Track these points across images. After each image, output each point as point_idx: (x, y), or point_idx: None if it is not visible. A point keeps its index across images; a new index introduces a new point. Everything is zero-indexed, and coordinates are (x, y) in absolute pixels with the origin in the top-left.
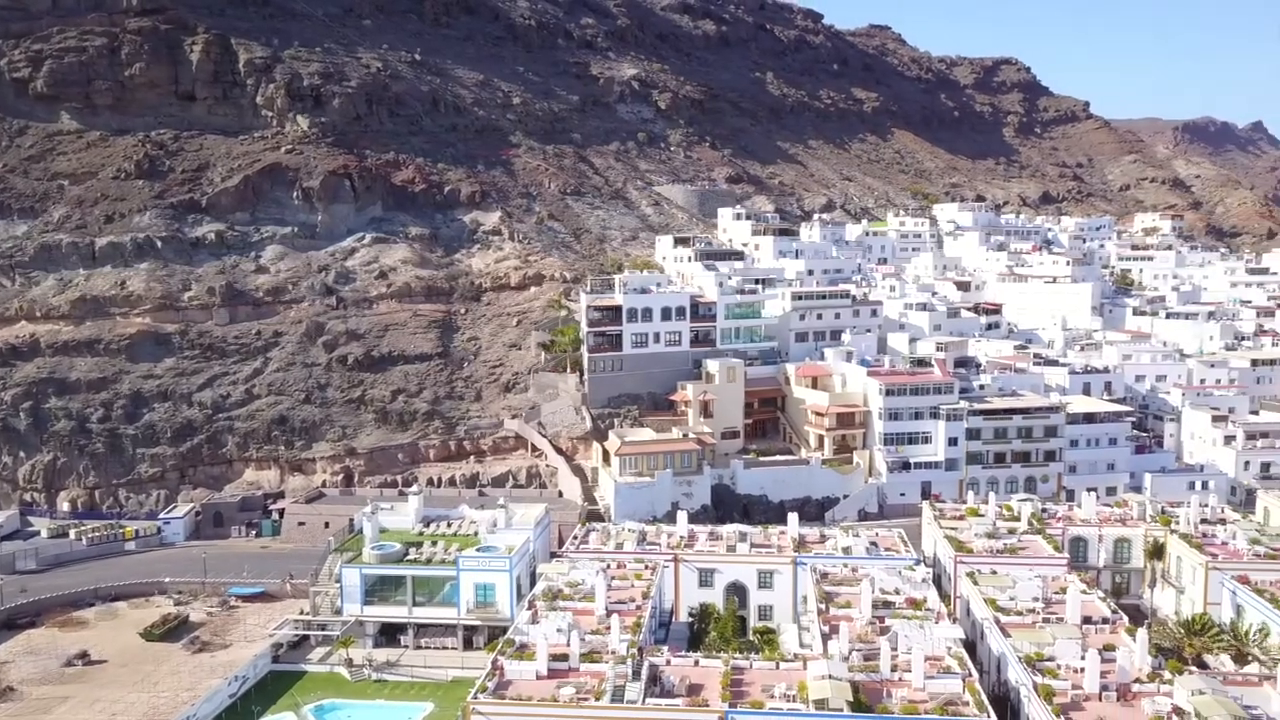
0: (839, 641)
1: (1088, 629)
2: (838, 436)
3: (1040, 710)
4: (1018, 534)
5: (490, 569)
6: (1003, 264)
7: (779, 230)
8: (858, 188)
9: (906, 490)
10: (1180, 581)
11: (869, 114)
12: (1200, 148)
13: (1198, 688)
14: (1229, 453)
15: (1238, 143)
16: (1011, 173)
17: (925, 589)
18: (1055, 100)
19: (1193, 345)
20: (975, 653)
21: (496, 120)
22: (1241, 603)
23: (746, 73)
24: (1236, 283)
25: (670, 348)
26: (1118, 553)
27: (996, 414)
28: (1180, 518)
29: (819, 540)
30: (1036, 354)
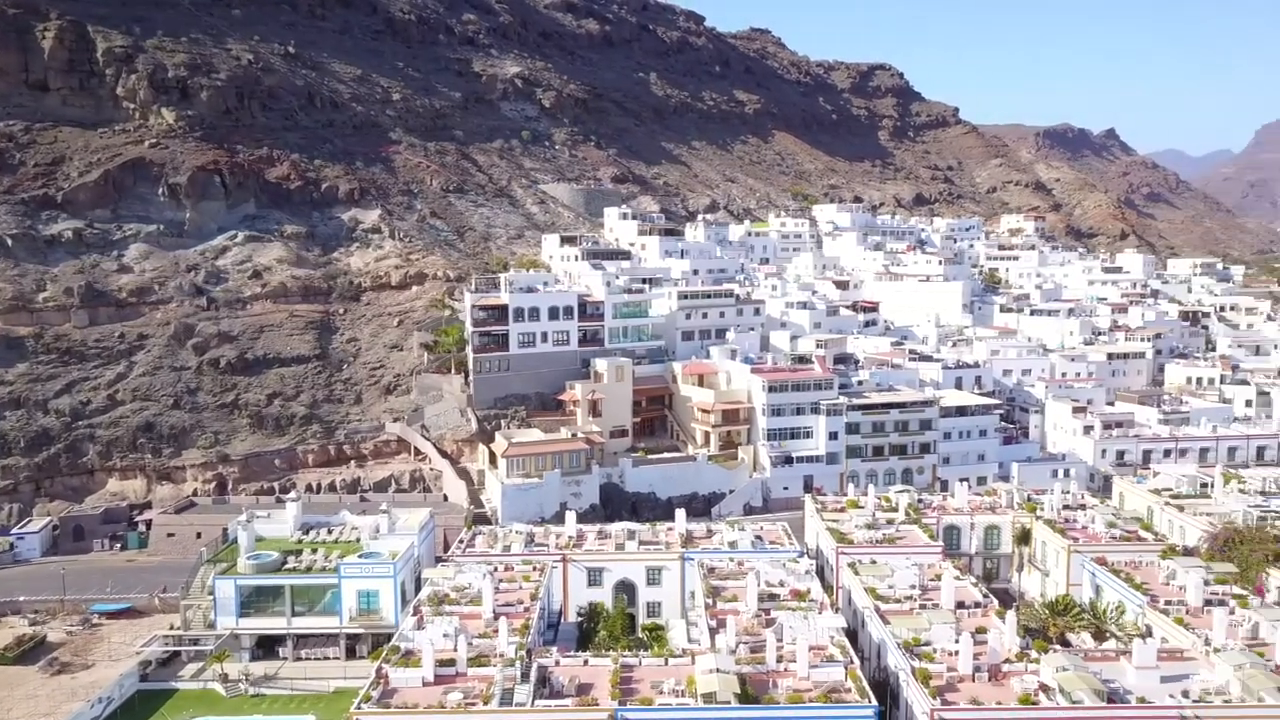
0: (726, 635)
1: (961, 613)
2: (723, 433)
3: (918, 693)
4: (896, 524)
5: (373, 575)
6: (879, 263)
7: (665, 230)
8: (740, 189)
9: (790, 484)
10: (1045, 565)
11: (750, 116)
12: (1060, 153)
13: (1061, 665)
14: (1088, 442)
15: (1094, 148)
16: (887, 175)
17: (809, 580)
18: (927, 105)
19: (1055, 340)
20: (857, 640)
21: (376, 116)
22: (1100, 583)
23: (630, 73)
24: (1093, 281)
25: (558, 347)
26: (988, 539)
27: (874, 408)
28: (1045, 504)
29: (706, 536)
30: (911, 350)
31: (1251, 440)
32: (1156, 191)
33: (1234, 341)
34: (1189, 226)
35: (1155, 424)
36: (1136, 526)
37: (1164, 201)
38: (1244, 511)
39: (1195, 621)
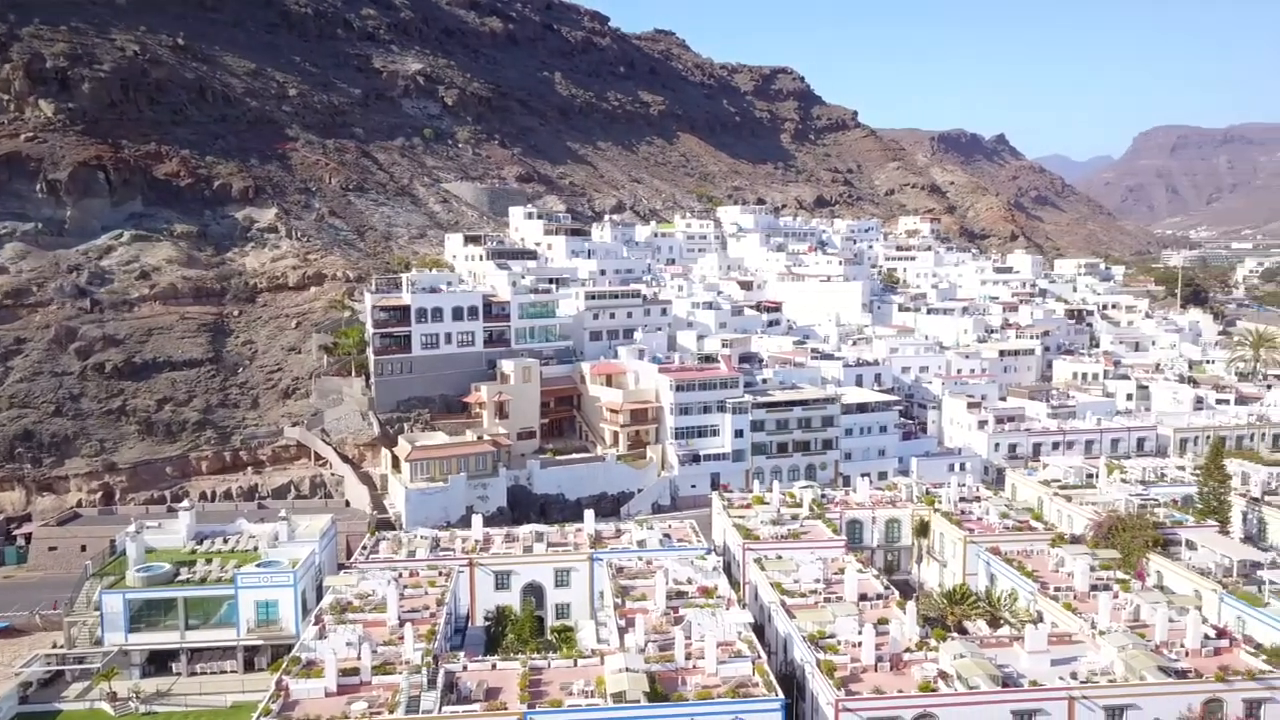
0: (635, 634)
1: (864, 605)
2: (632, 432)
3: (823, 685)
4: (800, 519)
5: (272, 585)
6: (782, 264)
7: (571, 230)
8: (646, 189)
9: (697, 482)
10: (943, 556)
11: (655, 117)
12: (954, 157)
13: (959, 652)
14: (982, 436)
15: (985, 153)
16: (789, 177)
17: (716, 577)
18: (827, 109)
19: (950, 338)
20: (764, 635)
21: (271, 112)
22: (995, 572)
23: (534, 72)
24: (986, 281)
25: (463, 348)
26: (889, 532)
27: (779, 406)
28: (942, 497)
29: (615, 536)
30: (814, 349)
31: (1132, 432)
32: (1044, 195)
33: (1115, 338)
34: (1074, 228)
35: (1044, 418)
36: (1028, 517)
37: (1050, 204)
38: (1126, 500)
39: (1082, 606)
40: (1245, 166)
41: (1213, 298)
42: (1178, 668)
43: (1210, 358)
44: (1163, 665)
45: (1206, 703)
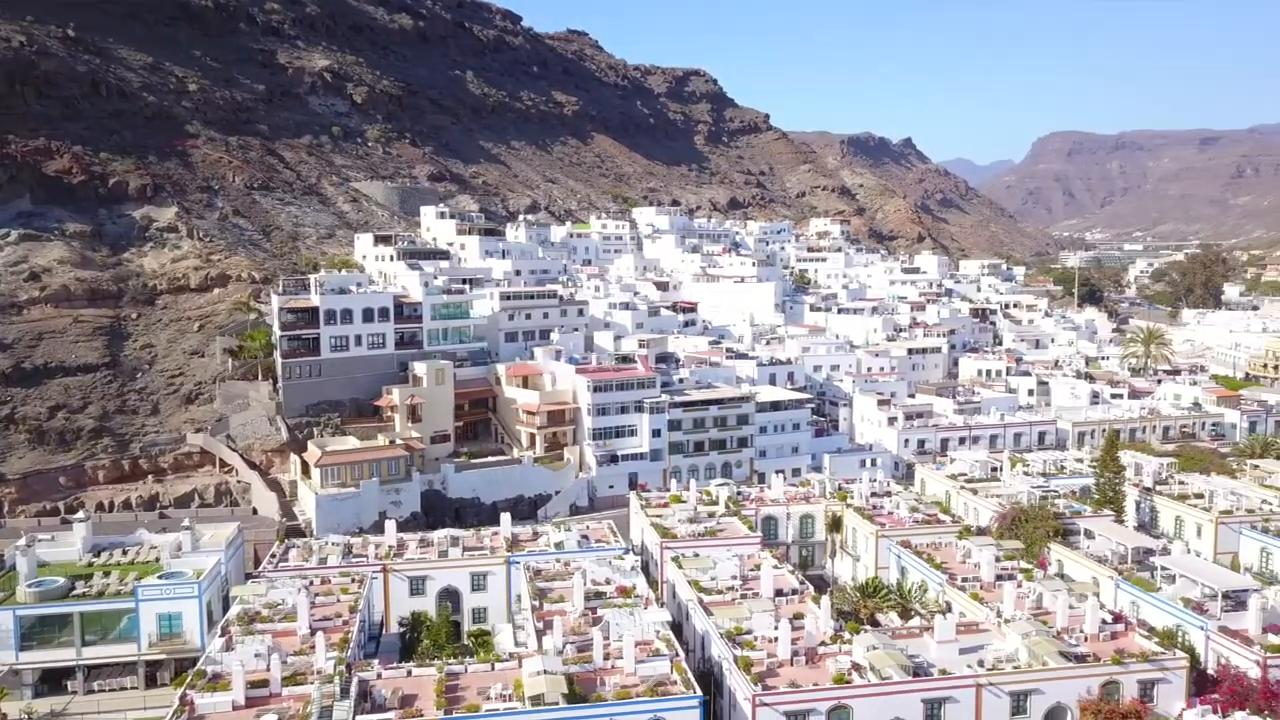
0: (553, 636)
1: (780, 601)
2: (549, 434)
3: (740, 680)
4: (717, 517)
5: (175, 597)
6: (697, 265)
7: (485, 230)
8: (561, 190)
9: (615, 482)
10: (856, 550)
11: (569, 117)
12: (862, 160)
13: (872, 644)
14: (892, 432)
15: (893, 156)
16: (703, 179)
17: (634, 576)
18: (740, 111)
19: (860, 337)
20: (682, 633)
21: (170, 107)
22: (905, 564)
23: (446, 70)
24: (894, 281)
25: (374, 350)
26: (803, 528)
27: (695, 405)
28: (854, 493)
29: (532, 538)
30: (729, 348)
31: (1034, 426)
32: (949, 198)
33: (1017, 336)
34: (977, 230)
35: (951, 414)
36: (936, 510)
37: (955, 207)
38: (1028, 492)
39: (988, 596)
40: (1136, 171)
41: (1107, 297)
42: (1077, 652)
43: (1105, 354)
44: (1064, 650)
45: (1104, 685)
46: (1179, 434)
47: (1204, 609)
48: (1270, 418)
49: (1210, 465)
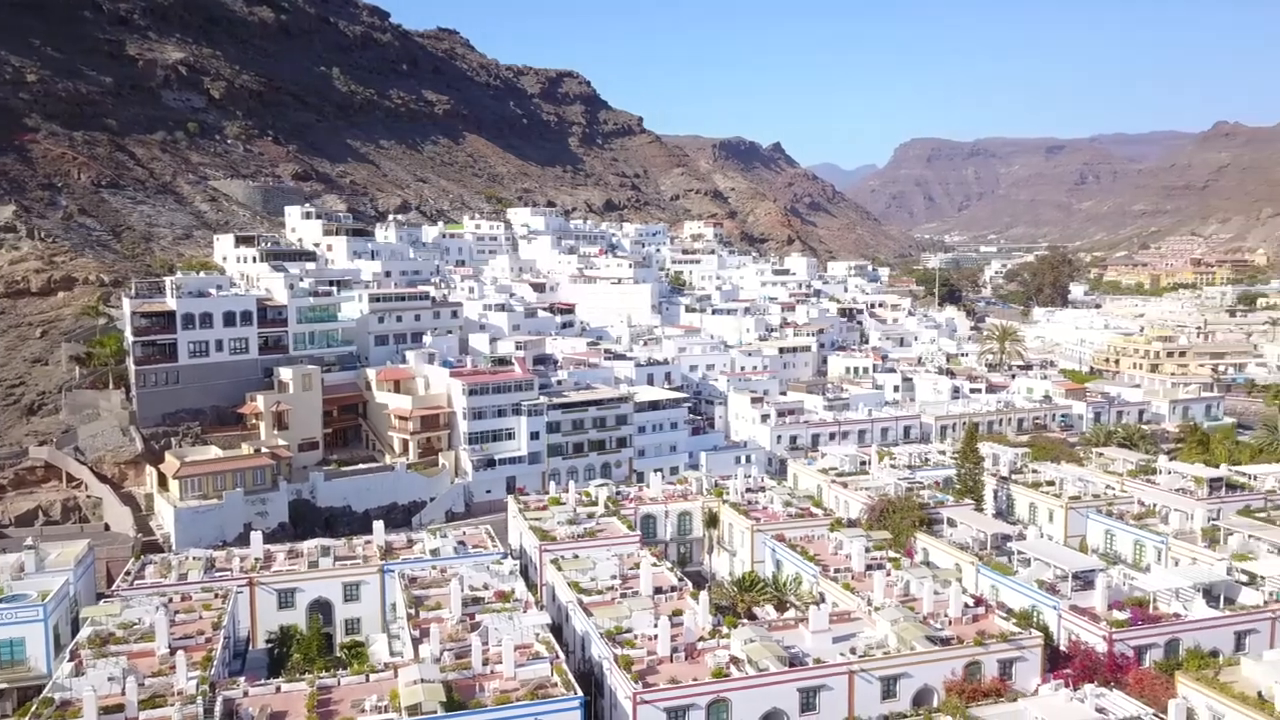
0: (430, 644)
1: (659, 598)
2: (423, 439)
3: (621, 679)
4: (596, 518)
5: (17, 621)
6: (573, 266)
7: (353, 230)
8: (433, 190)
9: (493, 487)
10: (733, 545)
11: (441, 117)
12: (734, 164)
13: (749, 637)
14: (765, 429)
15: (763, 160)
16: (578, 180)
17: (513, 580)
18: (614, 114)
19: (734, 337)
20: (562, 635)
21: (7, 99)
22: (780, 558)
23: (310, 66)
24: (766, 282)
25: (236, 356)
26: (681, 525)
27: (573, 407)
28: (730, 489)
29: (407, 546)
30: (606, 349)
31: (900, 421)
32: (816, 201)
33: (882, 335)
34: (844, 233)
35: (822, 410)
36: (809, 504)
37: (823, 210)
38: (895, 484)
39: (859, 585)
40: (990, 177)
41: (965, 296)
42: (942, 636)
43: (964, 351)
44: (930, 635)
45: (967, 665)
46: (1032, 425)
47: (1056, 589)
48: (1113, 409)
49: (1060, 454)
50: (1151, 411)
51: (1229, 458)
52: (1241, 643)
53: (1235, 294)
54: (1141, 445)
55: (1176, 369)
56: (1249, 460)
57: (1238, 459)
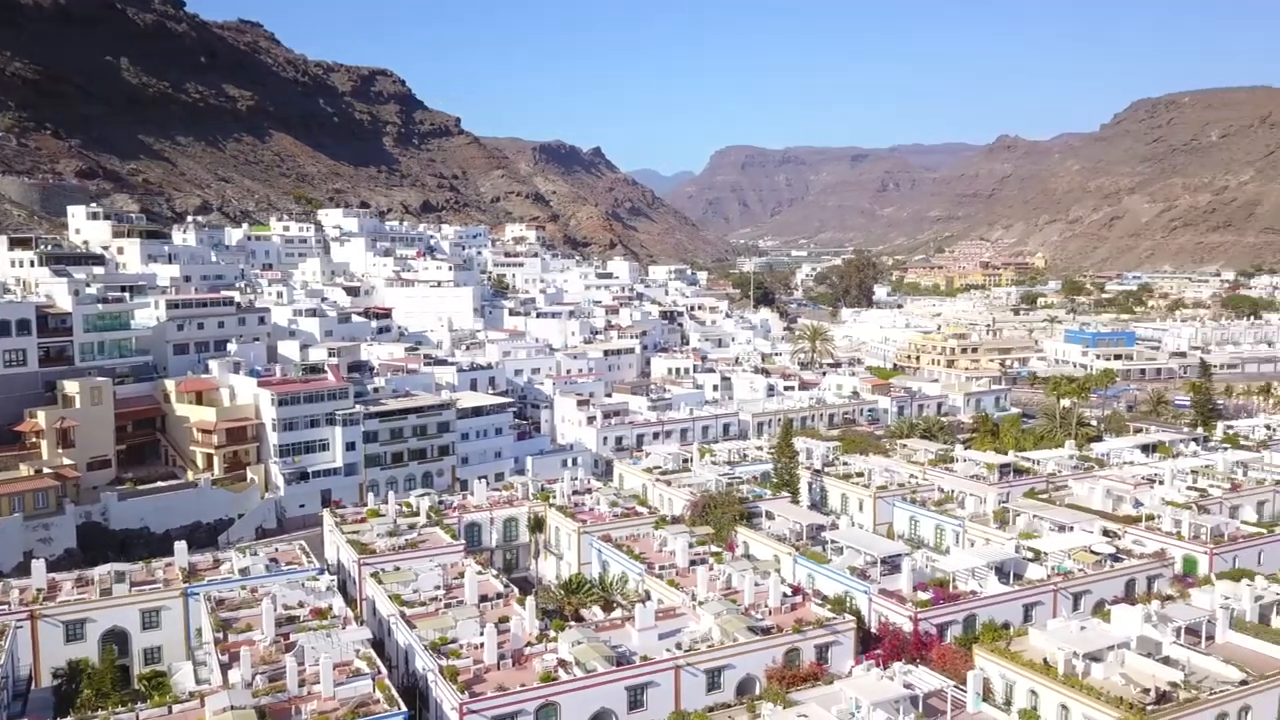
0: (241, 669)
1: (485, 606)
2: (229, 453)
3: (446, 690)
4: (418, 528)
5: None
6: (390, 269)
7: (147, 232)
8: (236, 189)
9: (306, 501)
10: (560, 548)
11: (244, 113)
12: (555, 167)
13: (577, 639)
14: (591, 431)
15: (584, 165)
16: (394, 181)
17: (330, 597)
18: (430, 114)
19: (559, 340)
20: (385, 650)
21: None
22: (607, 558)
23: (96, 56)
24: (589, 285)
25: (11, 369)
26: (507, 532)
27: (392, 415)
28: (556, 492)
29: (213, 566)
30: (427, 355)
31: (719, 419)
32: (637, 206)
33: (702, 336)
34: (664, 238)
35: (646, 411)
36: (634, 503)
37: (643, 215)
38: (716, 480)
39: (683, 581)
40: (800, 184)
41: (778, 298)
42: (763, 626)
43: (778, 350)
44: (751, 625)
45: (787, 653)
46: (842, 420)
47: (867, 575)
48: (914, 403)
49: (868, 447)
50: (948, 404)
51: (1016, 445)
52: (1029, 614)
53: (1019, 294)
54: (940, 436)
55: (970, 364)
56: (1033, 446)
57: (1023, 446)
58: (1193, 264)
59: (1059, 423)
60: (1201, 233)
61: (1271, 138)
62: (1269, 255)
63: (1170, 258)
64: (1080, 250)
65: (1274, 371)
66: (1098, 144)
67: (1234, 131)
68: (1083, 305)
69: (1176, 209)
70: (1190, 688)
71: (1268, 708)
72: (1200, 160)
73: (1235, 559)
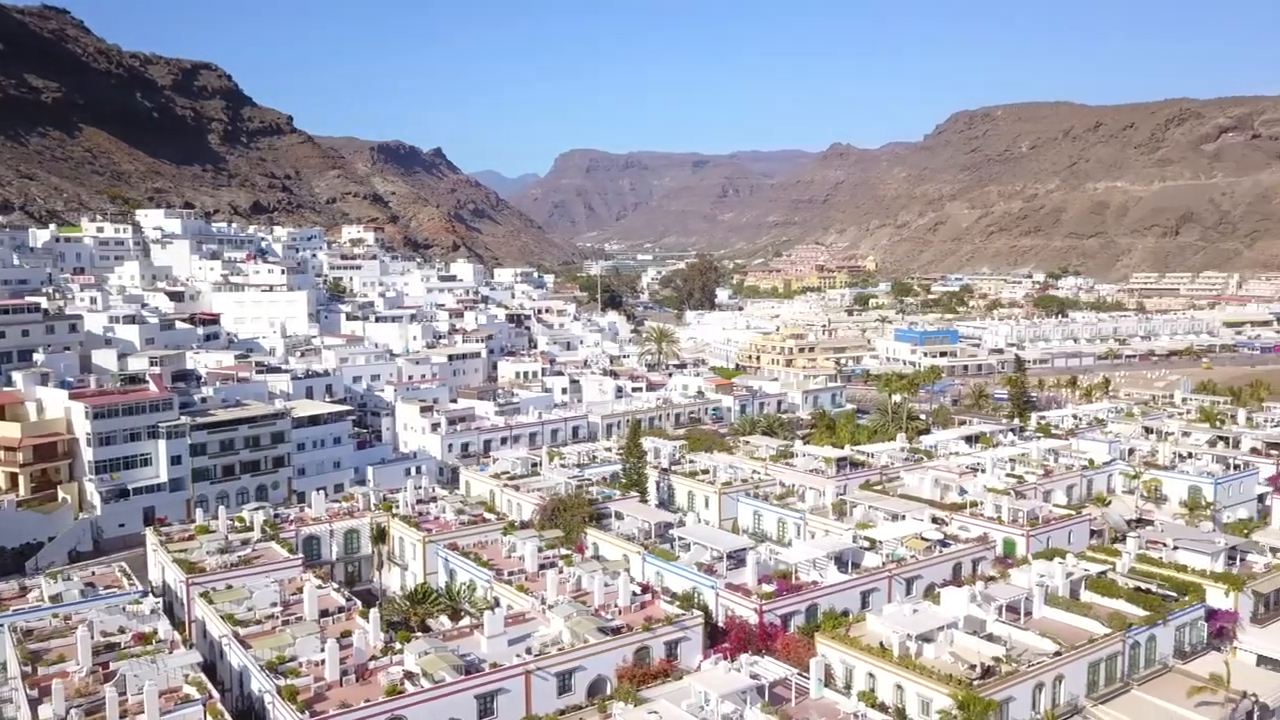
0: (53, 703)
1: (326, 621)
2: (36, 472)
3: (285, 712)
4: (252, 544)
5: None
6: (218, 273)
7: None
8: (42, 188)
9: (127, 520)
10: (404, 559)
11: (51, 106)
12: (394, 168)
13: (423, 650)
14: (436, 438)
15: (424, 166)
16: (220, 180)
17: (155, 620)
18: (260, 111)
19: (400, 345)
20: (217, 673)
21: None
22: (454, 566)
23: None
24: (432, 289)
25: None
26: (348, 544)
27: (222, 426)
28: (400, 502)
29: (19, 594)
30: (259, 362)
31: (568, 422)
32: (480, 208)
33: (550, 339)
34: (509, 240)
35: (493, 415)
36: (482, 510)
37: (487, 217)
38: (565, 483)
39: (533, 585)
40: (644, 188)
41: (625, 301)
42: (613, 626)
43: (626, 353)
44: (601, 626)
45: (637, 651)
46: (688, 419)
47: (713, 570)
48: (756, 401)
49: (713, 445)
50: (788, 401)
51: (851, 440)
52: (867, 601)
53: (852, 296)
54: (781, 432)
55: (807, 363)
56: (867, 440)
57: (858, 440)
58: (1008, 266)
59: (891, 417)
60: (1015, 237)
61: (1074, 150)
62: (1074, 258)
63: (988, 260)
64: (908, 254)
65: (1080, 365)
66: (922, 153)
67: (1042, 143)
68: (911, 306)
69: (992, 215)
70: (1011, 661)
71: (1078, 676)
72: (1013, 170)
73: (1049, 539)
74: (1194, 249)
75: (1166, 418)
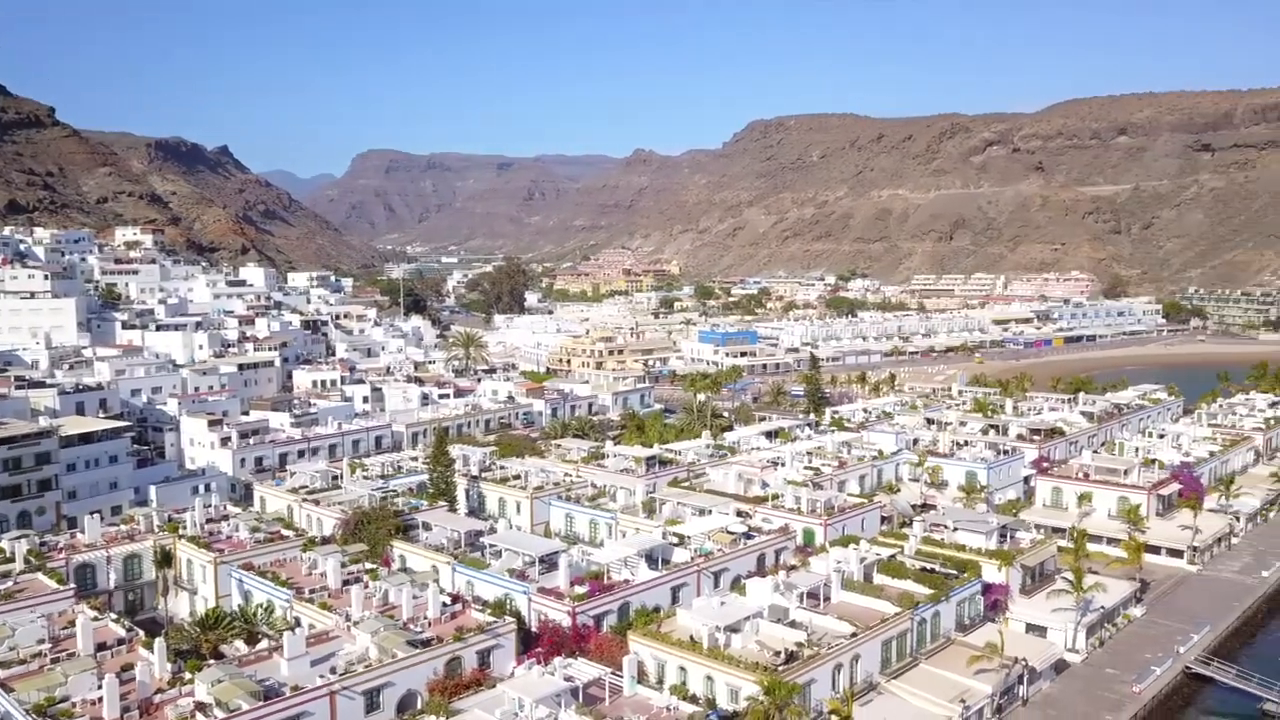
0: None
1: (103, 655)
2: None
3: None
4: (14, 576)
5: None
6: None
7: None
8: None
9: None
10: (193, 582)
11: None
12: (175, 166)
13: (217, 678)
14: (226, 454)
15: (209, 164)
16: None
17: None
18: (16, 102)
19: (184, 355)
20: None
21: None
22: (249, 588)
23: None
24: (219, 294)
25: None
26: (129, 570)
27: None
28: (187, 522)
29: None
30: (19, 376)
31: (371, 432)
32: (272, 209)
33: (349, 346)
34: (304, 242)
35: (289, 427)
36: (279, 526)
37: (279, 219)
38: (369, 495)
39: (337, 602)
40: (447, 190)
41: (430, 305)
42: (422, 638)
43: (432, 358)
44: (410, 639)
45: (448, 663)
46: (499, 425)
47: (525, 575)
48: (567, 404)
49: (524, 449)
50: (599, 403)
51: (660, 438)
52: (677, 596)
53: (658, 299)
54: (592, 434)
55: (616, 365)
56: (675, 439)
57: (666, 439)
58: (801, 269)
59: (696, 416)
60: (808, 242)
61: (860, 159)
62: (861, 261)
63: (784, 264)
64: (709, 258)
65: (869, 362)
66: (721, 160)
67: (831, 153)
68: (713, 308)
69: (787, 221)
70: (812, 645)
71: (873, 654)
72: (805, 177)
73: (844, 527)
74: (966, 253)
75: (945, 409)
